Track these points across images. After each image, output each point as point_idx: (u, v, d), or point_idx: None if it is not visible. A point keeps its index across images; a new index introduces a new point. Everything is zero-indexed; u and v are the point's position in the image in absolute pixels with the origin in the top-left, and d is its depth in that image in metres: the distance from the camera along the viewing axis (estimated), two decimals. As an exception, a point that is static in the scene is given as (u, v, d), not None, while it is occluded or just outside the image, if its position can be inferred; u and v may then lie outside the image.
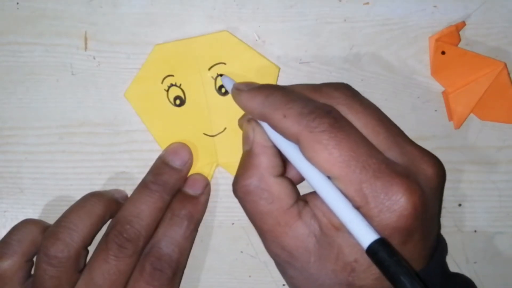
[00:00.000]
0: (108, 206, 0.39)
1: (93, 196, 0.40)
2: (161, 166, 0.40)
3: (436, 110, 0.42)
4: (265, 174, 0.35)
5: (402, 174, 0.32)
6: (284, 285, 0.44)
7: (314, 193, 0.35)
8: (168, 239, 0.39)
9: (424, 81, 0.42)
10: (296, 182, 0.38)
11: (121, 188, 0.43)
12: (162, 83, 0.41)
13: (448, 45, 0.40)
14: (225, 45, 0.41)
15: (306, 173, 0.34)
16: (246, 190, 0.35)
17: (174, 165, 0.40)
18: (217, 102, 0.41)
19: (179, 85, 0.41)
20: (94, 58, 0.42)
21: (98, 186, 0.43)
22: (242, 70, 0.41)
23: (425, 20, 0.41)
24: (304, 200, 0.36)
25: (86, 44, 0.42)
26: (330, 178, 0.33)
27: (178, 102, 0.41)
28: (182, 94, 0.41)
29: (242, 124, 0.38)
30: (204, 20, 0.41)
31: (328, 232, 0.33)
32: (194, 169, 0.42)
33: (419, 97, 0.42)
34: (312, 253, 0.34)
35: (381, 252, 0.30)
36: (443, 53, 0.40)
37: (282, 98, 0.34)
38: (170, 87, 0.41)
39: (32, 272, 0.40)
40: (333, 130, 0.32)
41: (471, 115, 0.42)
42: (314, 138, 0.32)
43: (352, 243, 0.33)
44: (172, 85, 0.41)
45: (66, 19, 0.42)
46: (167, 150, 0.41)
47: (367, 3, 0.41)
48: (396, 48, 0.42)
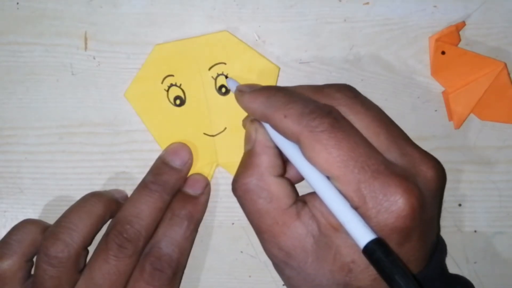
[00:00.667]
0: (108, 206, 0.39)
1: (93, 196, 0.40)
2: (161, 166, 0.40)
3: (436, 110, 0.42)
4: (265, 173, 0.35)
5: (401, 175, 0.32)
6: (284, 285, 0.44)
7: (313, 193, 0.35)
8: (168, 239, 0.39)
9: (424, 81, 0.42)
10: (295, 182, 0.38)
11: (121, 188, 0.43)
12: (162, 83, 0.41)
13: (448, 45, 0.40)
14: (225, 45, 0.41)
15: (306, 172, 0.34)
16: (246, 188, 0.35)
17: (174, 165, 0.40)
18: (217, 102, 0.41)
19: (179, 85, 0.41)
20: (94, 58, 0.42)
21: (98, 186, 0.43)
22: (242, 70, 0.41)
23: (425, 20, 0.41)
24: (303, 200, 0.36)
25: (86, 44, 0.42)
26: (329, 178, 0.33)
27: (178, 102, 0.41)
28: (182, 94, 0.41)
29: (245, 124, 0.38)
30: (204, 20, 0.41)
31: (326, 232, 0.33)
32: (194, 169, 0.42)
33: (419, 97, 0.42)
34: (309, 253, 0.34)
35: (377, 252, 0.30)
36: (443, 53, 0.40)
37: (283, 98, 0.34)
38: (170, 87, 0.41)
39: (32, 272, 0.40)
40: (333, 130, 0.32)
41: (471, 115, 0.42)
42: (314, 138, 0.32)
43: (350, 244, 0.33)
44: (172, 85, 0.41)
45: (66, 19, 0.42)
46: (167, 150, 0.41)
47: (367, 3, 0.41)
48: (396, 48, 0.42)
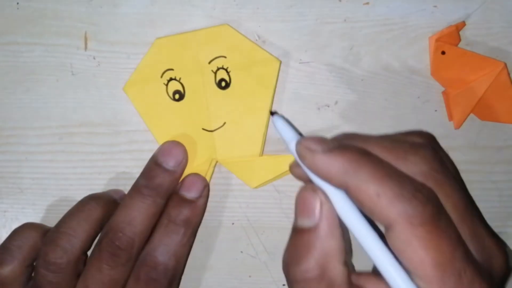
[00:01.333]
0: (106, 209, 0.39)
1: (91, 199, 0.40)
2: (153, 167, 0.39)
3: (436, 110, 0.42)
4: (332, 261, 0.30)
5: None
6: (284, 285, 0.44)
7: (371, 278, 0.31)
8: (164, 247, 0.38)
9: (424, 81, 0.42)
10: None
11: (121, 188, 0.43)
12: (162, 77, 0.41)
13: (448, 45, 0.40)
14: (225, 38, 0.41)
15: (384, 265, 0.29)
16: (306, 277, 0.30)
17: (167, 166, 0.39)
18: (216, 96, 0.41)
19: (179, 79, 0.41)
20: (94, 58, 0.42)
21: (98, 186, 0.43)
22: (243, 64, 0.41)
23: (425, 20, 0.41)
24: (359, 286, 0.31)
25: (86, 44, 0.42)
26: (410, 273, 0.29)
27: (177, 96, 0.41)
28: (181, 88, 0.41)
29: (295, 174, 0.35)
30: (204, 20, 0.41)
31: None
32: (192, 165, 0.41)
33: (419, 97, 0.42)
34: None
35: None
36: (443, 53, 0.40)
37: (373, 169, 0.29)
38: (169, 81, 0.41)
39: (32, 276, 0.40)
40: (433, 224, 0.28)
41: (471, 115, 0.42)
42: (411, 231, 0.28)
43: None
44: (171, 79, 0.41)
45: (66, 19, 0.42)
46: (160, 151, 0.40)
47: (367, 3, 0.41)
48: (396, 48, 0.42)
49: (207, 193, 0.41)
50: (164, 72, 0.41)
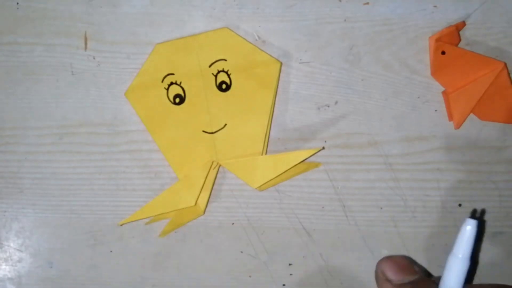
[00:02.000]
0: None
1: None
2: None
3: (436, 110, 0.42)
4: None
5: None
6: (284, 285, 0.44)
7: None
8: None
9: (424, 81, 0.42)
10: None
11: (121, 188, 0.43)
12: (163, 82, 0.41)
13: (448, 45, 0.40)
14: (225, 41, 0.41)
15: None
16: None
17: None
18: (217, 98, 0.41)
19: (179, 83, 0.41)
20: (94, 58, 0.42)
21: (98, 186, 0.43)
22: (243, 66, 0.41)
23: (425, 20, 0.41)
24: None
25: (86, 44, 0.42)
26: None
27: (177, 100, 0.41)
28: (182, 92, 0.41)
29: None
30: (204, 20, 0.41)
31: None
32: (193, 167, 0.42)
33: (419, 97, 0.42)
34: None
35: None
36: (443, 53, 0.40)
37: None
38: (170, 86, 0.41)
39: None
40: None
41: (471, 115, 0.42)
42: None
43: None
44: (172, 83, 0.41)
45: (66, 19, 0.42)
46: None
47: (367, 3, 0.41)
48: (396, 48, 0.42)
49: None
50: (164, 76, 0.41)
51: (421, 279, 0.31)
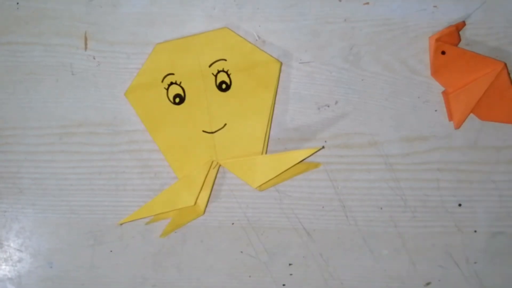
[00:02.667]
0: None
1: None
2: None
3: (436, 110, 0.42)
4: None
5: None
6: (284, 285, 0.44)
7: None
8: None
9: (424, 81, 0.42)
10: None
11: (121, 188, 0.43)
12: (163, 82, 0.41)
13: (448, 45, 0.40)
14: (225, 41, 0.41)
15: None
16: None
17: None
18: (217, 98, 0.41)
19: (179, 83, 0.41)
20: (94, 58, 0.42)
21: (98, 186, 0.43)
22: (243, 66, 0.41)
23: (425, 20, 0.41)
24: None
25: (86, 44, 0.42)
26: None
27: (177, 100, 0.41)
28: (182, 92, 0.41)
29: None
30: (204, 19, 0.41)
31: None
32: (194, 167, 0.42)
33: (419, 97, 0.42)
34: None
35: None
36: (443, 53, 0.40)
37: None
38: (170, 86, 0.41)
39: None
40: None
41: (471, 115, 0.42)
42: None
43: None
44: (172, 83, 0.41)
45: (66, 19, 0.42)
46: None
47: (367, 3, 0.41)
48: (396, 48, 0.42)
49: None
50: (164, 76, 0.41)
51: None
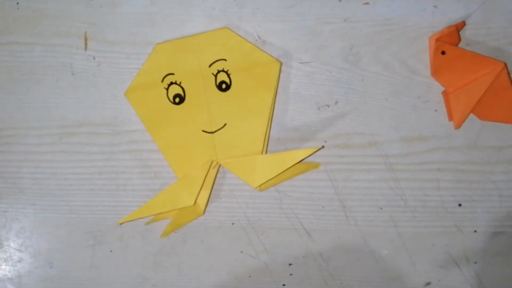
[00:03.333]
0: None
1: None
2: None
3: (436, 110, 0.42)
4: None
5: None
6: (284, 285, 0.44)
7: None
8: None
9: (424, 81, 0.42)
10: None
11: (121, 188, 0.43)
12: (162, 82, 0.41)
13: (448, 45, 0.40)
14: (225, 41, 0.41)
15: None
16: None
17: None
18: (217, 98, 0.41)
19: (179, 83, 0.41)
20: (94, 58, 0.42)
21: (98, 186, 0.43)
22: (243, 66, 0.41)
23: (425, 20, 0.41)
24: None
25: (86, 44, 0.42)
26: None
27: (177, 100, 0.41)
28: (181, 92, 0.41)
29: None
30: (204, 19, 0.41)
31: None
32: (193, 166, 0.42)
33: (419, 97, 0.42)
34: None
35: None
36: (443, 53, 0.40)
37: None
38: (170, 85, 0.41)
39: None
40: None
41: (471, 115, 0.42)
42: None
43: None
44: (172, 83, 0.41)
45: (66, 19, 0.42)
46: None
47: (367, 3, 0.41)
48: (396, 48, 0.42)
49: None
50: (164, 76, 0.41)
51: None
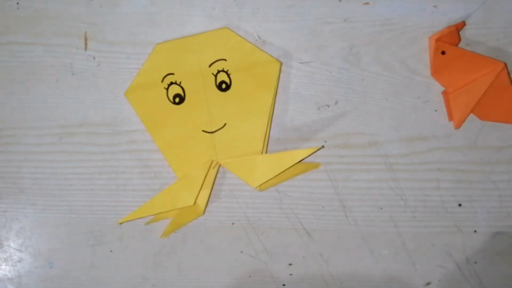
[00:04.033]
0: None
1: None
2: None
3: (436, 110, 0.42)
4: None
5: None
6: (284, 285, 0.44)
7: None
8: None
9: (424, 81, 0.42)
10: None
11: (121, 188, 0.43)
12: (162, 82, 0.41)
13: (448, 45, 0.40)
14: (225, 41, 0.41)
15: None
16: None
17: None
18: (217, 98, 0.41)
19: (179, 83, 0.41)
20: (94, 58, 0.42)
21: (98, 186, 0.43)
22: (243, 66, 0.41)
23: (425, 20, 0.41)
24: None
25: (86, 44, 0.42)
26: None
27: (177, 100, 0.41)
28: (181, 92, 0.41)
29: None
30: (204, 19, 0.41)
31: None
32: (193, 166, 0.42)
33: (419, 97, 0.42)
34: None
35: None
36: (443, 53, 0.40)
37: None
38: (170, 85, 0.41)
39: None
40: None
41: (471, 115, 0.42)
42: None
43: None
44: (172, 83, 0.41)
45: (66, 19, 0.42)
46: None
47: (367, 3, 0.41)
48: (396, 48, 0.42)
49: None
50: (164, 76, 0.41)
51: None
